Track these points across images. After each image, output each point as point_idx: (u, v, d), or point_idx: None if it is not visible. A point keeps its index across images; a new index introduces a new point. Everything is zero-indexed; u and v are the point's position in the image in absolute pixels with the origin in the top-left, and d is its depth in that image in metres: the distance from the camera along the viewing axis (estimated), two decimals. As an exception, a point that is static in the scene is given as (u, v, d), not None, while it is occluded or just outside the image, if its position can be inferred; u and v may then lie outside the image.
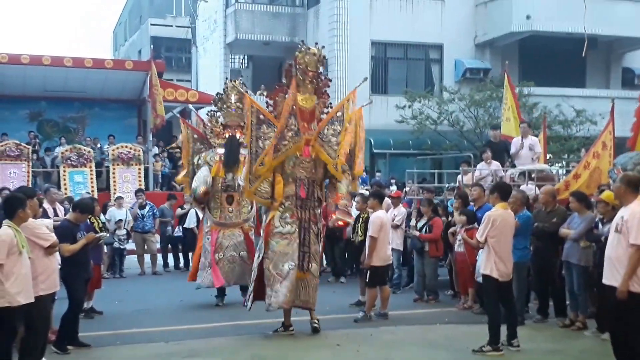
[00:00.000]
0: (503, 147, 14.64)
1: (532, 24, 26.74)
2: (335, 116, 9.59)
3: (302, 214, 9.49)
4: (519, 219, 9.76)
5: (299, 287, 9.46)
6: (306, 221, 9.48)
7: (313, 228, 9.54)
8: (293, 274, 9.32)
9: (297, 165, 9.52)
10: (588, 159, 11.84)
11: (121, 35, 54.70)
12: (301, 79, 9.48)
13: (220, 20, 31.06)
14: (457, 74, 27.89)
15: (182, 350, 8.73)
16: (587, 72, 29.10)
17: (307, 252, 9.45)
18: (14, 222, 7.09)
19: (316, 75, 9.58)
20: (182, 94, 21.95)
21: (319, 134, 9.47)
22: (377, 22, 27.35)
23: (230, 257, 11.70)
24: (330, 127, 9.56)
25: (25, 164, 19.43)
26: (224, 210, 11.85)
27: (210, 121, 12.52)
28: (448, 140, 25.11)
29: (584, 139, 22.58)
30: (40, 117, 23.82)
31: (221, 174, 11.84)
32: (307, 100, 9.51)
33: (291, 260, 9.34)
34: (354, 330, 9.83)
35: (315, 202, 9.65)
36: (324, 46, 10.08)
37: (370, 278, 10.33)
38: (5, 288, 6.84)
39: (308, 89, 9.52)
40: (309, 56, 9.46)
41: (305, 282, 9.51)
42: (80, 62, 21.22)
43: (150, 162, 20.94)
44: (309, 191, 9.53)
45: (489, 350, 8.34)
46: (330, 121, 9.56)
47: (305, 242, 9.45)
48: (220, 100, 12.11)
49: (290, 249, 9.38)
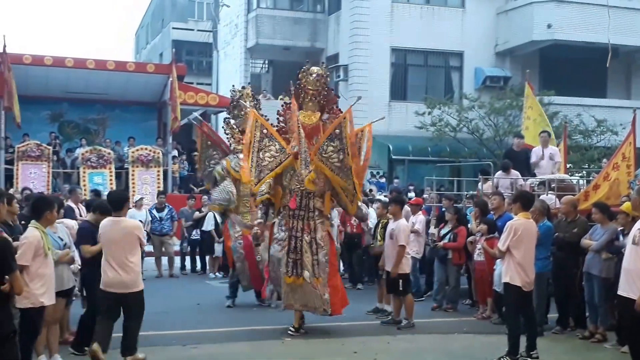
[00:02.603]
0: (523, 157, 14.55)
1: (553, 33, 26.67)
2: (334, 133, 9.68)
3: (294, 223, 9.91)
4: (539, 228, 9.71)
5: (297, 292, 9.88)
6: (298, 230, 9.88)
7: (305, 237, 9.87)
8: (283, 279, 9.96)
9: (292, 178, 10.08)
10: (608, 170, 11.75)
11: (143, 38, 54.99)
12: (302, 97, 10.09)
13: (241, 24, 31.20)
14: (477, 81, 27.84)
15: (199, 355, 8.75)
16: (608, 82, 28.93)
17: (297, 259, 9.82)
18: (41, 224, 7.14)
19: (317, 94, 10.03)
20: (203, 97, 22.01)
21: (319, 150, 9.69)
22: (397, 29, 27.36)
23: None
24: (330, 144, 9.68)
25: (45, 164, 19.55)
26: (254, 214, 11.95)
27: (227, 128, 12.64)
28: (467, 148, 25.05)
29: (604, 149, 22.45)
30: (61, 118, 23.96)
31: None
32: (308, 117, 10.05)
33: (284, 266, 9.93)
34: (371, 337, 9.78)
35: (310, 213, 9.95)
36: (326, 65, 10.72)
37: (403, 286, 10.41)
38: (30, 289, 6.85)
39: (309, 106, 10.07)
40: (309, 76, 10.03)
41: (302, 288, 9.85)
42: (102, 65, 21.34)
43: (170, 165, 21.03)
44: (302, 203, 9.94)
45: None
46: (329, 138, 9.69)
47: (297, 249, 9.84)
48: (235, 107, 12.41)
49: (283, 256, 9.97)
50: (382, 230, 11.37)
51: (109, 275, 7.88)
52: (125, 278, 7.85)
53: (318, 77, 10.07)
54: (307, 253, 9.84)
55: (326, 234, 10.16)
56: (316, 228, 9.95)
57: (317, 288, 9.82)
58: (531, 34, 26.88)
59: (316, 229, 9.95)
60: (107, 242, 7.99)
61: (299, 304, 9.93)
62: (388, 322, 10.65)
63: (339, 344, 9.35)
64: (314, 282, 9.81)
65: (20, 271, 6.31)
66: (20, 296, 6.46)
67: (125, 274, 7.84)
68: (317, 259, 9.88)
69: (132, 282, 7.90)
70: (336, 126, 9.66)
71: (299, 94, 10.19)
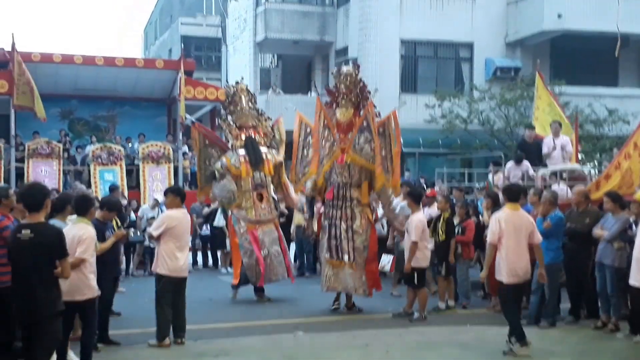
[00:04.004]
0: (535, 148, 14.47)
1: (563, 23, 26.46)
2: (363, 126, 10.77)
3: (333, 212, 10.94)
4: (550, 219, 9.67)
5: (338, 275, 10.84)
6: (336, 219, 10.88)
7: (343, 225, 10.82)
8: (325, 263, 11.00)
9: (333, 171, 11.03)
10: (619, 159, 11.63)
11: (152, 34, 55.08)
12: (337, 95, 11.10)
13: (250, 19, 31.14)
14: (487, 72, 27.68)
15: (211, 349, 8.75)
16: (620, 71, 28.71)
17: (337, 245, 10.82)
18: (87, 219, 7.59)
19: (349, 92, 10.96)
20: (212, 92, 21.92)
21: (353, 143, 10.78)
22: (407, 21, 27.24)
23: (275, 251, 12.06)
24: (361, 136, 10.78)
25: (56, 162, 19.56)
26: (257, 209, 12.11)
27: (224, 124, 12.61)
28: (478, 140, 24.93)
29: (616, 139, 22.28)
30: (71, 116, 23.93)
31: (250, 174, 12.09)
32: (343, 114, 11.01)
33: (325, 251, 10.95)
34: (383, 330, 9.77)
35: (347, 202, 10.92)
36: (358, 65, 11.70)
37: (418, 280, 10.44)
38: (90, 282, 7.39)
39: (343, 103, 11.01)
40: (341, 76, 11.06)
41: (343, 271, 10.79)
42: (111, 61, 21.30)
43: (180, 161, 21.03)
44: (339, 193, 10.94)
45: (518, 348, 8.22)
46: (360, 130, 10.78)
47: (336, 236, 10.83)
48: (231, 103, 12.48)
49: (325, 241, 10.99)
50: (444, 224, 11.19)
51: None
52: None
53: (348, 76, 10.99)
54: (345, 239, 10.80)
55: (365, 221, 11.00)
56: (354, 216, 10.89)
57: (355, 271, 10.71)
58: (541, 24, 26.69)
59: (354, 217, 10.89)
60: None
61: (340, 286, 10.87)
62: (400, 314, 10.62)
63: (351, 337, 9.34)
64: (352, 266, 10.72)
65: (78, 264, 7.11)
66: (82, 288, 7.23)
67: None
68: (355, 244, 10.75)
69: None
70: (364, 119, 10.74)
71: (334, 93, 11.14)
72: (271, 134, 12.67)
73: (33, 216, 6.44)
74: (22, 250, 6.30)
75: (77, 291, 7.21)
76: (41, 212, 6.51)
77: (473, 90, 25.81)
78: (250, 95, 12.64)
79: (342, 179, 10.95)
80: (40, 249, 6.27)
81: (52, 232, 6.43)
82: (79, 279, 7.21)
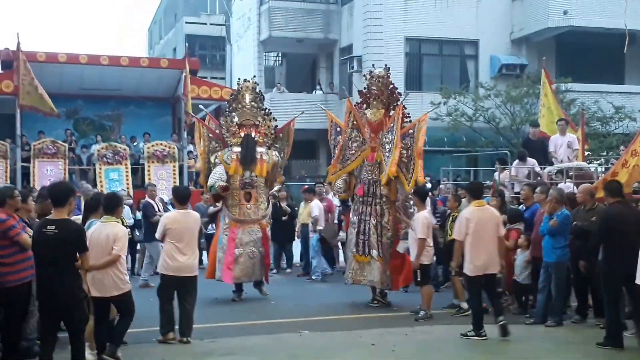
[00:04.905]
0: (540, 146, 14.41)
1: (569, 20, 26.40)
2: (390, 127, 11.26)
3: (363, 208, 11.38)
4: (557, 217, 9.61)
5: (364, 269, 11.24)
6: (366, 214, 11.31)
7: (372, 221, 11.24)
8: (351, 257, 11.47)
9: (363, 168, 11.55)
10: (626, 157, 11.51)
11: (156, 33, 55.13)
12: (368, 97, 11.67)
13: (254, 17, 31.12)
14: (492, 70, 27.62)
15: (217, 349, 8.73)
16: (626, 68, 28.59)
17: (365, 240, 11.23)
18: (115, 217, 7.89)
19: (380, 93, 11.53)
20: (217, 91, 21.92)
21: (380, 142, 11.28)
22: (411, 18, 27.20)
23: (250, 252, 12.00)
24: (387, 136, 11.28)
25: (61, 161, 19.57)
26: (242, 207, 12.15)
27: (225, 121, 12.59)
28: (484, 137, 24.88)
29: (623, 136, 22.21)
30: (76, 115, 23.96)
31: (239, 172, 12.07)
32: (374, 114, 11.54)
33: (353, 246, 11.38)
34: (389, 329, 9.73)
35: (377, 199, 11.34)
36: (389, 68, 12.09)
37: (422, 277, 10.44)
38: (125, 277, 7.84)
39: (374, 104, 11.57)
40: (373, 79, 11.62)
41: (369, 265, 11.16)
42: (116, 61, 21.32)
43: (185, 160, 21.03)
44: (369, 190, 11.37)
45: (473, 336, 8.95)
46: (388, 130, 11.30)
47: (365, 231, 11.25)
48: (234, 100, 12.51)
49: (353, 237, 11.43)
50: (452, 224, 11.13)
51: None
52: None
53: (379, 78, 11.55)
54: (374, 234, 11.20)
55: (393, 217, 11.39)
56: (383, 212, 11.29)
57: (381, 265, 11.04)
58: (547, 21, 26.62)
59: (383, 213, 11.28)
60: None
61: (366, 279, 11.28)
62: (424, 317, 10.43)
63: (357, 336, 9.31)
64: (379, 260, 11.06)
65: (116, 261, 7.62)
66: (118, 284, 7.68)
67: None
68: (382, 240, 11.13)
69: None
70: (392, 120, 11.27)
71: (365, 94, 11.69)
72: (272, 134, 12.59)
73: (58, 212, 6.92)
74: (47, 244, 6.79)
75: (114, 287, 7.69)
76: (65, 208, 6.95)
77: (478, 88, 25.74)
78: (256, 94, 12.57)
79: (372, 176, 11.41)
80: (64, 243, 6.77)
81: (74, 228, 6.95)
82: (115, 275, 7.68)
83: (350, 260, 11.62)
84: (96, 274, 7.59)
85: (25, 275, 7.68)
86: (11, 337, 7.73)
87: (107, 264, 7.59)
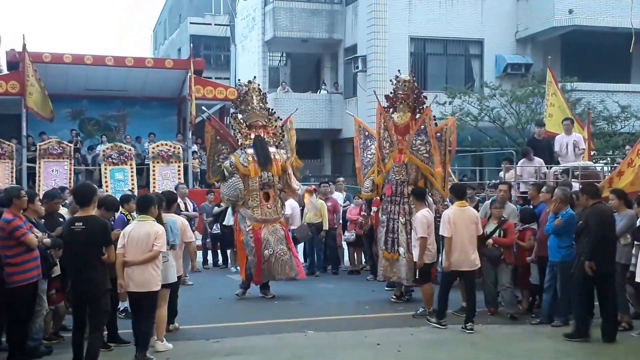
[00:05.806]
0: (546, 145, 14.37)
1: (574, 19, 26.36)
2: (420, 129, 11.60)
3: (391, 208, 11.65)
4: (562, 217, 9.57)
5: (393, 266, 11.50)
6: (394, 213, 11.59)
7: (401, 219, 11.53)
8: (381, 254, 11.71)
9: (391, 169, 11.80)
10: (632, 156, 11.49)
11: (161, 34, 55.22)
12: (394, 100, 11.94)
13: (258, 18, 31.15)
14: (498, 69, 27.58)
15: (222, 349, 8.73)
16: (632, 67, 28.48)
17: (395, 238, 11.49)
18: (148, 215, 8.15)
19: (406, 97, 11.80)
20: (221, 91, 21.95)
21: (410, 144, 11.59)
22: (415, 18, 27.18)
23: (280, 250, 12.11)
24: (418, 138, 11.60)
25: (67, 162, 19.63)
26: (263, 208, 12.26)
27: (234, 123, 12.64)
28: (489, 137, 24.83)
29: (629, 135, 22.15)
30: (81, 116, 24.01)
31: (258, 174, 12.20)
32: (400, 117, 11.83)
33: (382, 244, 11.64)
34: (395, 329, 9.72)
35: (405, 199, 11.58)
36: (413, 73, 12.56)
37: (420, 275, 10.46)
38: (159, 274, 8.13)
39: (401, 108, 11.85)
40: (399, 83, 11.89)
41: (398, 262, 11.41)
42: (121, 61, 21.36)
43: (190, 160, 21.06)
44: (397, 190, 11.65)
45: (434, 323, 9.70)
46: (417, 133, 11.59)
47: (394, 229, 11.53)
48: (242, 102, 12.61)
49: (382, 235, 11.68)
50: None
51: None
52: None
53: (405, 82, 11.84)
54: (402, 232, 11.45)
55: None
56: (411, 211, 11.39)
57: (409, 262, 11.09)
58: (552, 20, 26.58)
59: (411, 212, 11.38)
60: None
61: (395, 276, 11.54)
62: (422, 314, 10.50)
63: (362, 336, 9.30)
64: (407, 257, 11.18)
65: (156, 257, 7.94)
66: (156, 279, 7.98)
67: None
68: (410, 237, 11.10)
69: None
70: (421, 123, 11.61)
71: (392, 98, 11.98)
72: (280, 134, 12.72)
73: (84, 210, 7.57)
74: (75, 239, 7.44)
75: (153, 282, 8.00)
76: (90, 207, 7.60)
77: (483, 87, 25.69)
78: (262, 95, 12.71)
79: (399, 177, 11.69)
80: (91, 238, 7.41)
81: (99, 224, 7.55)
82: (154, 271, 7.97)
83: (380, 258, 11.84)
84: (135, 269, 7.88)
85: (31, 276, 7.72)
86: (17, 337, 7.75)
87: (148, 260, 7.89)
